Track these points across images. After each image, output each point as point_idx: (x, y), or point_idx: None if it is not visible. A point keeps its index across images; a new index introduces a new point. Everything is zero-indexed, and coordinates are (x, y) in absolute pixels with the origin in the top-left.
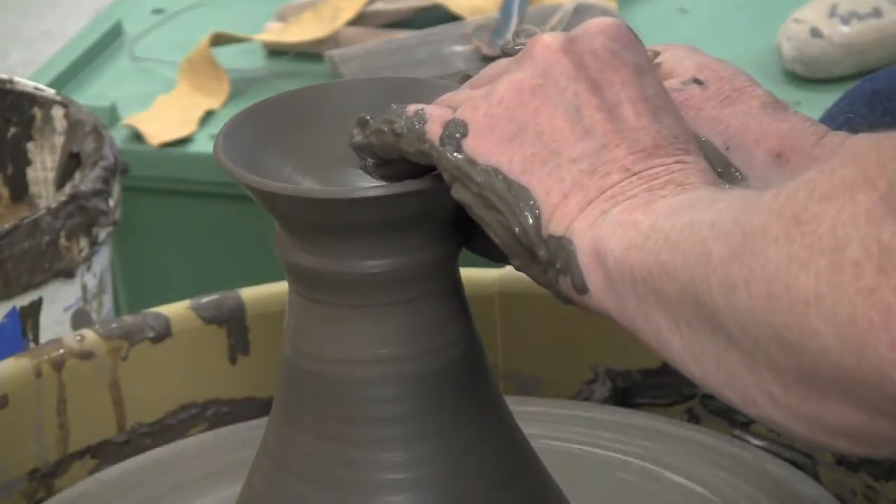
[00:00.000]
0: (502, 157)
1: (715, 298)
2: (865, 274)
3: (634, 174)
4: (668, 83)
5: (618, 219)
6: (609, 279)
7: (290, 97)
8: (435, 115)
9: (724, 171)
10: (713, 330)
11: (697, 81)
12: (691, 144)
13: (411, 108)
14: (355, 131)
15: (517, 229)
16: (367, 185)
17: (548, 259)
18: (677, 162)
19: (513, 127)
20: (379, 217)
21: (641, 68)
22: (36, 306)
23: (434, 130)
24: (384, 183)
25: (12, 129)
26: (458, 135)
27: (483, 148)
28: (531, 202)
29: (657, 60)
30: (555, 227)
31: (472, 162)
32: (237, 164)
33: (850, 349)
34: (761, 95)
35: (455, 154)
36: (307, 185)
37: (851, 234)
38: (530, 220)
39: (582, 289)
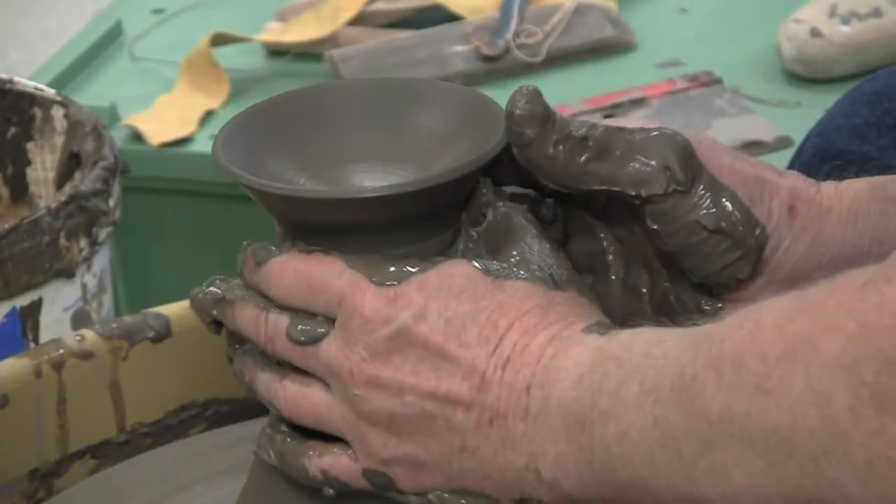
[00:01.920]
0: (426, 482)
1: (704, 491)
2: (865, 417)
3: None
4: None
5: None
6: None
7: (289, 97)
8: (348, 472)
9: (745, 228)
10: None
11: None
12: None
13: (314, 468)
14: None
15: None
16: (368, 186)
17: None
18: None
19: (416, 465)
20: (379, 217)
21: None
22: (36, 306)
23: (361, 484)
24: (385, 184)
25: (12, 129)
26: (386, 484)
27: (411, 484)
28: None
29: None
30: None
31: (412, 493)
32: (236, 165)
33: (873, 490)
34: (750, 156)
35: (393, 494)
36: (307, 185)
37: (830, 384)
38: None
39: None
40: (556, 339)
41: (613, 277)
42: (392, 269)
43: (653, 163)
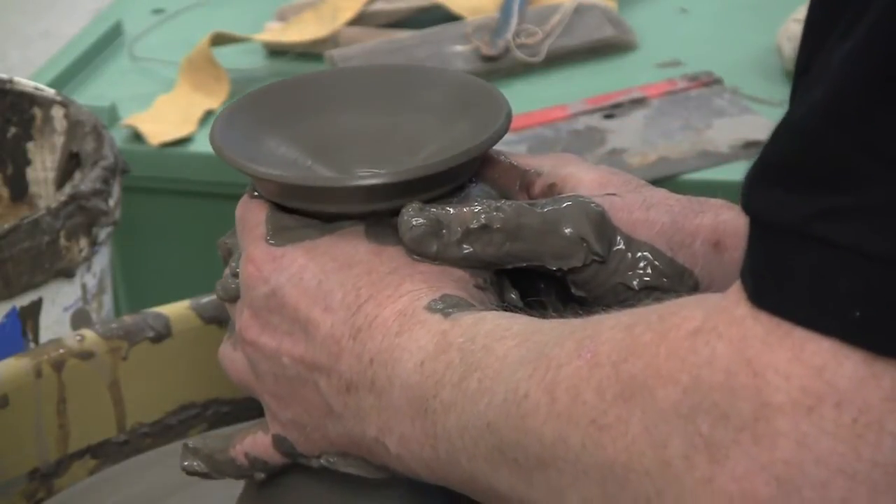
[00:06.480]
0: (317, 445)
1: (543, 501)
2: (698, 465)
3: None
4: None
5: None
6: None
7: (287, 84)
8: (263, 447)
9: (671, 279)
10: None
11: (611, 195)
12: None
13: (240, 456)
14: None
15: None
16: (368, 172)
17: None
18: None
19: (301, 428)
20: (366, 205)
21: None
22: (36, 306)
23: (275, 458)
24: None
25: (12, 129)
26: (290, 449)
27: (307, 447)
28: None
29: (551, 181)
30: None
31: (312, 456)
32: (234, 147)
33: None
34: (667, 194)
35: (301, 460)
36: (313, 168)
37: (666, 430)
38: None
39: None
40: (402, 315)
41: (553, 314)
42: (293, 231)
43: (569, 234)
